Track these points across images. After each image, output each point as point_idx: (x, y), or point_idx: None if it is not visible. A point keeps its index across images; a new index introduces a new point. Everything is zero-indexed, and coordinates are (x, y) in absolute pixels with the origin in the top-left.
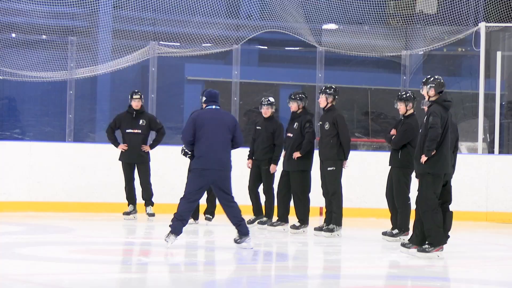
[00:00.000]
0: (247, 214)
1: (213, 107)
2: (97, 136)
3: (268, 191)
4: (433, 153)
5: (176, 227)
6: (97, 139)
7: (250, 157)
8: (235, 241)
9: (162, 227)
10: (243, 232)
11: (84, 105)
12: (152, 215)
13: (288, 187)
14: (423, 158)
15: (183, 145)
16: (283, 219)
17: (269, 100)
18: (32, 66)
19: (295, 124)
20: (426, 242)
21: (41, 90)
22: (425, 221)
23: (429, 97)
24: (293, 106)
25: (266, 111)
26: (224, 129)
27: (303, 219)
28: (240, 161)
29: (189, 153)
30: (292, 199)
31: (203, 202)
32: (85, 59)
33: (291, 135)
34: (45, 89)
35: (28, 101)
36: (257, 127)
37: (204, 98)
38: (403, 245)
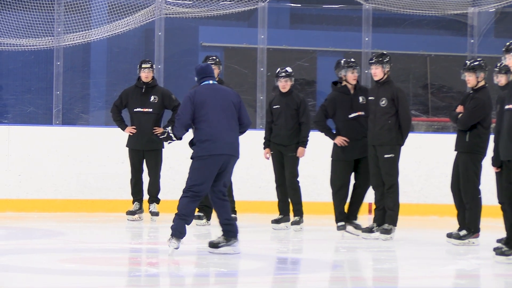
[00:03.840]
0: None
1: (210, 82)
2: (91, 117)
3: (295, 183)
4: None
5: (177, 228)
6: (91, 121)
7: (267, 145)
8: (215, 245)
9: (167, 229)
10: (231, 233)
11: (74, 79)
12: (156, 214)
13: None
14: None
15: (169, 128)
16: (342, 220)
17: (287, 71)
18: (11, 32)
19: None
20: None
21: (22, 62)
22: None
23: None
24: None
25: (284, 85)
26: (230, 107)
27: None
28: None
29: (174, 139)
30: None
31: None
32: (75, 22)
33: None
34: (27, 60)
35: (6, 75)
36: (274, 106)
37: (196, 78)
38: (502, 253)
